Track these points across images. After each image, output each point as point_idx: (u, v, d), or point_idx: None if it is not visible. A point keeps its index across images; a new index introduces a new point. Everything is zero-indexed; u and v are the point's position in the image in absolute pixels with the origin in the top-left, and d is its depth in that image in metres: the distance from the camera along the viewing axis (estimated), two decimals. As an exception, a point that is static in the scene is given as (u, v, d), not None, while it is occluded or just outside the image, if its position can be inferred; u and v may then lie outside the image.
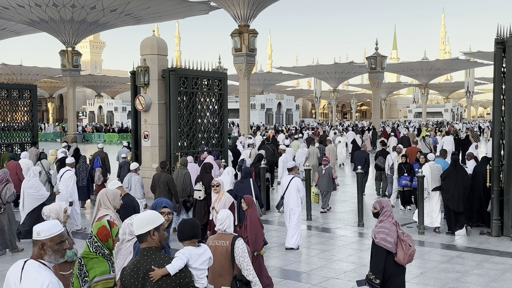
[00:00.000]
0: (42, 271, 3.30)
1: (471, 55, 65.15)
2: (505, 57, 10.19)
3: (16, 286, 3.32)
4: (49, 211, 5.18)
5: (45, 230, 3.39)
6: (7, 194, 9.31)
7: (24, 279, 3.28)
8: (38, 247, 3.37)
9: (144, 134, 15.50)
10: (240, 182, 9.74)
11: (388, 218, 5.46)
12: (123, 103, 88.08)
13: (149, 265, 3.48)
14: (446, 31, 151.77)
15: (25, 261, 3.38)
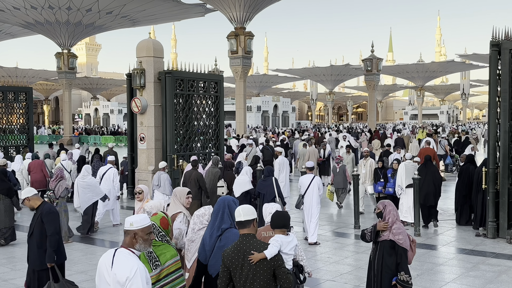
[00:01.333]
0: (131, 257, 3.69)
1: (466, 57, 65.42)
2: (500, 60, 10.22)
3: (107, 271, 3.69)
4: (150, 208, 5.55)
5: (138, 221, 3.80)
6: (60, 189, 10.10)
7: (116, 265, 3.66)
8: (130, 236, 3.77)
9: (140, 136, 15.48)
10: (263, 181, 9.96)
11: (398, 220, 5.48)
12: (119, 105, 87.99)
13: (248, 249, 4.00)
14: (441, 34, 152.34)
15: (116, 249, 3.77)
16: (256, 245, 4.03)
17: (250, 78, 75.91)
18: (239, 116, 32.55)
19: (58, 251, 6.22)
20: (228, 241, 4.56)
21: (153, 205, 5.59)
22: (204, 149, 16.47)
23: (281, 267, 4.03)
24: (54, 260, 6.12)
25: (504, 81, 10.11)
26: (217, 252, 4.63)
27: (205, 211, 5.32)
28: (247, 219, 4.11)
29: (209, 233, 4.75)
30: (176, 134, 15.47)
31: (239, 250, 4.03)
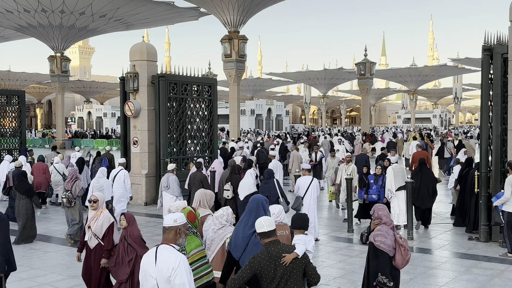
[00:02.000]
0: (174, 251, 4.01)
1: (459, 62, 65.80)
2: (492, 64, 10.29)
3: (151, 267, 3.96)
4: (176, 208, 5.78)
5: (180, 218, 4.16)
6: (77, 190, 10.52)
7: (160, 259, 3.94)
8: (174, 232, 4.09)
9: (134, 140, 15.44)
10: (265, 183, 10.08)
11: (387, 223, 5.58)
12: (113, 108, 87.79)
13: (278, 254, 4.27)
14: (434, 38, 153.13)
15: (157, 247, 4.03)
16: (285, 249, 4.32)
17: (244, 81, 75.97)
18: (232, 119, 32.54)
19: (8, 260, 6.12)
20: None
21: (178, 206, 5.87)
22: (197, 152, 16.45)
23: (310, 264, 4.39)
24: (4, 269, 6.02)
25: (496, 85, 10.17)
26: (251, 248, 4.94)
27: (223, 212, 5.68)
28: (270, 230, 4.35)
29: (242, 229, 5.05)
30: (170, 138, 15.45)
31: (270, 257, 4.27)
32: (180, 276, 3.86)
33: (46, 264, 9.09)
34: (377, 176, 11.56)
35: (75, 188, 10.53)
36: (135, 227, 6.24)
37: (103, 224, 6.61)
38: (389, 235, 5.51)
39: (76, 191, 10.53)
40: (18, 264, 9.02)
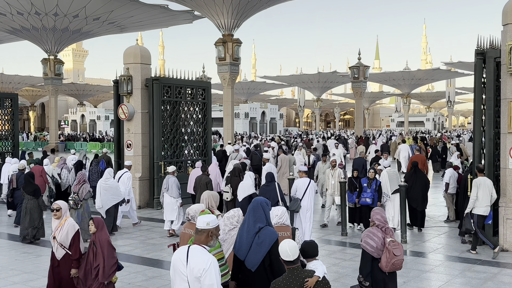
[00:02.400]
0: (205, 252, 4.19)
1: (452, 65, 66.08)
2: (485, 68, 10.35)
3: (184, 266, 4.16)
4: (194, 212, 5.99)
5: (213, 221, 4.38)
6: (84, 192, 10.89)
7: (191, 259, 4.14)
8: (206, 234, 4.31)
9: (127, 143, 15.40)
10: (266, 186, 10.16)
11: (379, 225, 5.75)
12: (106, 111, 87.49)
13: (301, 279, 4.38)
14: (427, 42, 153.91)
15: (188, 247, 4.24)
16: (307, 274, 4.46)
17: (238, 85, 76.01)
18: (226, 122, 32.51)
19: None
20: (266, 237, 5.11)
21: (196, 209, 6.07)
22: (191, 156, 16.43)
23: (328, 285, 4.57)
24: None
25: (489, 89, 10.23)
26: (255, 249, 5.11)
27: (235, 213, 5.86)
28: (295, 258, 4.45)
29: (245, 231, 5.21)
30: (164, 141, 15.43)
31: (295, 282, 4.39)
32: (210, 277, 4.07)
33: (39, 268, 9.03)
34: (370, 180, 11.48)
35: (82, 191, 10.87)
36: (104, 232, 6.14)
37: (68, 233, 6.39)
38: (376, 236, 5.63)
39: (83, 193, 10.86)
40: (11, 268, 8.99)
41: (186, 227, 5.91)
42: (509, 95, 9.66)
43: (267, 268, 5.09)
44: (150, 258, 9.77)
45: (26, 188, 11.19)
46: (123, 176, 12.68)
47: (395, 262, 5.58)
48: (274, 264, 5.05)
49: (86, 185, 11.01)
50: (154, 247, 10.53)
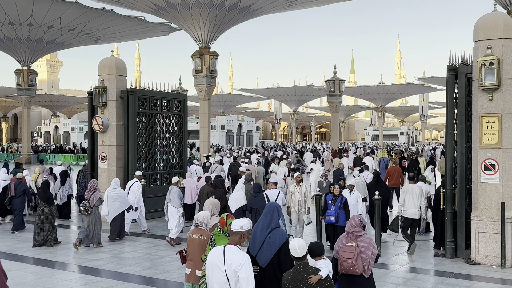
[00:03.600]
0: (240, 250, 4.94)
1: (425, 80, 67.36)
2: (457, 83, 10.56)
3: (221, 263, 4.87)
4: (202, 218, 6.40)
5: (246, 225, 5.07)
6: (95, 199, 11.54)
7: (228, 256, 4.87)
8: (239, 236, 5.02)
9: (101, 155, 15.20)
10: (254, 196, 10.65)
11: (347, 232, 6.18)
12: (80, 123, 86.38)
13: (306, 274, 5.00)
14: (401, 57, 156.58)
15: (224, 246, 4.95)
16: (312, 271, 5.05)
17: (215, 97, 75.98)
18: (203, 135, 32.44)
19: None
20: (276, 238, 5.76)
21: (204, 216, 6.47)
22: (167, 168, 16.31)
23: (332, 285, 5.11)
24: None
25: (461, 104, 10.43)
26: (266, 247, 5.74)
27: None
28: (303, 255, 5.08)
29: (259, 230, 5.84)
30: (139, 153, 15.29)
31: (300, 276, 5.01)
32: (245, 271, 4.81)
33: (9, 283, 8.77)
34: (335, 196, 10.81)
35: (93, 199, 11.54)
36: None
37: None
38: (340, 241, 6.17)
39: (94, 200, 11.54)
40: None
41: (194, 232, 6.27)
42: (480, 110, 9.86)
43: (275, 264, 5.67)
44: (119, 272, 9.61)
45: (41, 195, 12.08)
46: (134, 185, 13.41)
47: (342, 263, 5.93)
48: (282, 261, 5.67)
49: (97, 193, 11.66)
50: (125, 262, 10.36)
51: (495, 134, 9.70)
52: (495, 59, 9.52)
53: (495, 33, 9.77)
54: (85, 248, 11.48)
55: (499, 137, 9.67)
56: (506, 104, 9.67)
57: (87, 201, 11.53)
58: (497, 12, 10.31)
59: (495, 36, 9.76)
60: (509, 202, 9.63)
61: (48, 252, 11.17)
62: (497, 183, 9.69)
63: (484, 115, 9.81)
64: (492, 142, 9.75)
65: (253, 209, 10.56)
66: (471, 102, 10.26)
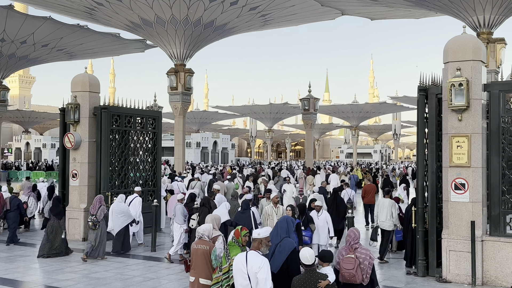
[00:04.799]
0: (259, 255, 5.74)
1: (397, 100, 68.51)
2: (427, 103, 10.76)
3: (244, 266, 5.66)
4: (203, 230, 6.90)
5: (264, 232, 5.90)
6: (102, 214, 12.12)
7: (250, 260, 5.66)
8: (257, 242, 5.83)
9: (73, 173, 14.95)
10: (241, 213, 10.98)
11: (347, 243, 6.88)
12: (52, 139, 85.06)
13: (315, 279, 5.70)
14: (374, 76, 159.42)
15: (247, 252, 5.77)
16: (320, 276, 5.77)
17: (190, 114, 75.79)
18: (177, 152, 32.23)
19: None
20: (286, 246, 6.63)
21: (204, 229, 6.95)
22: (140, 185, 16.10)
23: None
24: None
25: (431, 124, 10.62)
26: (277, 254, 6.58)
27: None
28: (312, 262, 5.80)
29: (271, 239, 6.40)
30: (111, 171, 15.09)
31: (310, 280, 5.69)
32: (263, 272, 5.57)
33: None
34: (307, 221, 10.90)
35: (100, 213, 12.07)
36: None
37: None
38: (340, 253, 6.84)
39: (101, 215, 12.08)
40: None
41: (198, 243, 6.76)
42: (450, 130, 10.06)
43: (285, 270, 6.42)
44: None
45: (52, 209, 12.79)
46: (134, 200, 13.96)
47: (344, 274, 6.61)
48: (290, 267, 6.41)
49: (103, 207, 12.24)
50: (95, 282, 10.15)
51: (465, 153, 9.89)
52: (464, 80, 9.75)
53: (464, 55, 10.03)
54: (58, 266, 11.28)
55: (468, 156, 9.86)
56: (475, 124, 9.89)
57: (94, 216, 12.00)
58: (466, 34, 10.60)
59: (464, 58, 10.01)
60: (479, 220, 9.79)
61: (17, 272, 10.88)
62: (467, 202, 9.86)
63: (454, 135, 10.01)
64: (461, 162, 9.93)
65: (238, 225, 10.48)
66: (441, 122, 10.45)
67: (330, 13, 30.17)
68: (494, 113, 9.96)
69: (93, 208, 12.20)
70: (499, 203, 9.82)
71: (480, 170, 9.86)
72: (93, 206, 12.28)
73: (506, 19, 22.99)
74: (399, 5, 26.09)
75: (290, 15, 30.69)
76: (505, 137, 10.03)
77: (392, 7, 27.16)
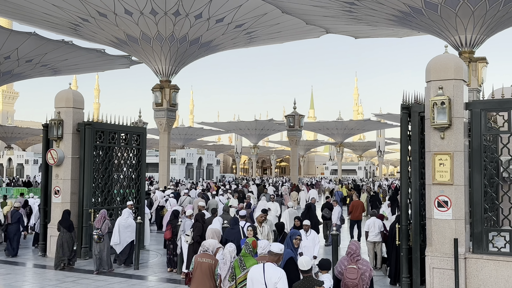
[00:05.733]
0: (277, 268, 6.27)
1: (381, 117, 69.16)
2: (410, 122, 10.87)
3: (261, 277, 6.10)
4: (208, 245, 7.37)
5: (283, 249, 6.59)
6: (106, 228, 12.55)
7: (268, 271, 6.13)
8: (278, 257, 6.49)
9: (55, 189, 14.76)
10: (231, 229, 11.29)
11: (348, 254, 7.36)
12: (35, 155, 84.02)
13: (311, 286, 6.11)
14: (358, 93, 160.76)
15: (264, 264, 6.24)
16: (316, 282, 6.20)
17: (175, 130, 75.61)
18: (162, 168, 32.10)
19: None
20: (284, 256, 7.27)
21: (210, 243, 7.41)
22: (123, 202, 15.96)
23: None
24: None
25: (414, 141, 10.72)
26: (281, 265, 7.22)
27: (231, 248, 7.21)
28: (308, 268, 6.24)
29: None
30: (95, 187, 14.93)
31: (307, 286, 6.11)
32: (282, 283, 6.06)
33: None
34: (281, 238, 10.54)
35: (105, 227, 12.48)
36: None
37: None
38: (341, 263, 7.32)
39: (105, 229, 12.50)
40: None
41: (203, 257, 7.16)
42: (433, 148, 10.15)
43: None
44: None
45: (62, 222, 13.20)
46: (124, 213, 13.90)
47: (346, 282, 7.06)
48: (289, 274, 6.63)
49: (107, 221, 12.68)
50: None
51: (447, 171, 9.98)
52: (446, 99, 9.88)
53: (446, 74, 10.17)
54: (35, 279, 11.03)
55: (451, 174, 9.95)
56: (458, 142, 10.00)
57: (99, 229, 12.40)
58: (448, 54, 10.77)
59: (446, 77, 10.15)
60: (462, 238, 9.85)
61: None
62: (450, 219, 9.91)
63: (437, 152, 10.10)
64: (444, 179, 10.01)
65: (228, 241, 10.41)
66: (424, 140, 10.56)
67: (314, 31, 30.54)
68: (476, 131, 10.09)
69: (98, 222, 12.55)
70: (481, 220, 9.90)
71: (463, 187, 9.95)
72: (97, 220, 12.62)
73: (487, 38, 23.47)
74: (382, 24, 26.50)
75: (275, 33, 30.98)
76: (486, 155, 10.17)
77: (376, 26, 27.58)
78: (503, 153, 10.22)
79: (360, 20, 26.09)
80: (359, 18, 25.54)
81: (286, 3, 24.42)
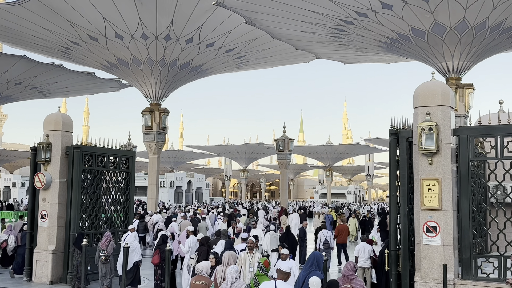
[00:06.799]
0: (288, 284, 7.04)
1: (370, 141, 69.60)
2: (398, 147, 10.94)
3: None
4: (201, 267, 7.66)
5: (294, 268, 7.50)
6: (111, 249, 13.08)
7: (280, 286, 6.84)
8: (287, 276, 7.13)
9: (42, 213, 14.59)
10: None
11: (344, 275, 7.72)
12: (23, 178, 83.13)
13: None
14: (348, 118, 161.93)
15: (275, 280, 6.97)
16: None
17: (165, 153, 75.39)
18: (151, 192, 31.89)
19: None
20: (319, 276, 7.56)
21: (203, 266, 7.69)
22: (111, 227, 15.80)
23: None
24: None
25: (403, 167, 10.77)
26: (306, 284, 7.42)
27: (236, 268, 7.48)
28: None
29: (303, 272, 7.89)
30: (82, 211, 14.78)
31: None
32: None
33: None
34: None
35: (111, 248, 13.02)
36: None
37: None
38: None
39: (111, 250, 13.03)
40: None
41: (197, 279, 7.41)
42: (421, 174, 10.21)
43: None
44: None
45: (76, 244, 13.65)
46: (128, 237, 13.98)
47: None
48: None
49: (112, 243, 13.20)
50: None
51: (436, 196, 10.03)
52: (433, 125, 9.99)
53: (433, 100, 10.30)
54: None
55: (439, 199, 9.99)
56: (445, 168, 10.07)
57: (106, 251, 12.90)
58: (435, 80, 10.93)
59: (434, 103, 10.28)
60: (451, 264, 9.85)
61: None
62: (438, 245, 9.92)
63: (425, 178, 10.16)
64: (433, 205, 10.05)
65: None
66: (412, 165, 10.62)
67: (304, 57, 30.86)
68: (463, 157, 10.18)
69: (103, 243, 13.04)
70: (470, 246, 9.92)
71: (451, 213, 9.99)
72: (103, 241, 13.11)
73: (474, 65, 23.84)
74: (370, 50, 26.86)
75: (265, 58, 31.26)
76: (474, 181, 10.24)
77: (364, 52, 27.94)
78: (491, 179, 10.30)
79: (349, 46, 26.44)
80: (348, 44, 25.88)
81: (276, 28, 24.70)
